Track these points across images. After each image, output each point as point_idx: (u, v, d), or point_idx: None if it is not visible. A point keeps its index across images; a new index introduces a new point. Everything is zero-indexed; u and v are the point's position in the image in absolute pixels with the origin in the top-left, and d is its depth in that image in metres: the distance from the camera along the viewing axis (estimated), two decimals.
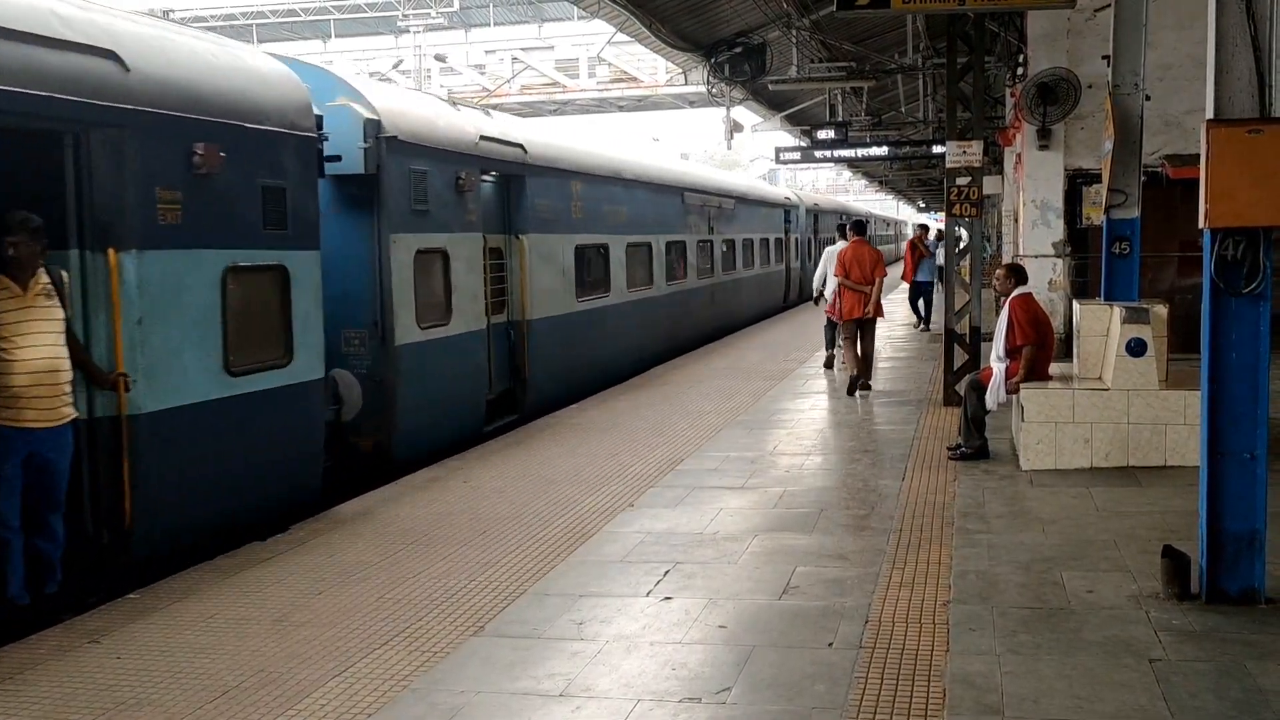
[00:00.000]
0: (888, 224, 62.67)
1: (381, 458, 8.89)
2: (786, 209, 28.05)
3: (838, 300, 12.81)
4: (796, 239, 29.31)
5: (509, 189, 11.44)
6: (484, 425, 10.48)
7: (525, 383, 11.42)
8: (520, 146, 11.38)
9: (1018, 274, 9.00)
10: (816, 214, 32.97)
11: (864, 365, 12.49)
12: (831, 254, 13.79)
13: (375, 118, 8.75)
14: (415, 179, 9.21)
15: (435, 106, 10.54)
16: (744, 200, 22.65)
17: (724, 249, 20.70)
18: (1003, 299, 8.95)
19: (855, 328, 12.46)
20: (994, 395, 8.68)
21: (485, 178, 10.83)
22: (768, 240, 25.11)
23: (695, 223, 18.60)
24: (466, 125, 10.55)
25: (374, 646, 5.07)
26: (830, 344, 14.61)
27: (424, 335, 9.28)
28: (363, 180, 8.71)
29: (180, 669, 4.86)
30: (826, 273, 13.82)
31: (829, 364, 14.50)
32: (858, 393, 12.14)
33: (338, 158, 8.27)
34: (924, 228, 23.61)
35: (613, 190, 14.45)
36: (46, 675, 4.85)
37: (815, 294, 15.80)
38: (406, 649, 5.03)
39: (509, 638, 5.14)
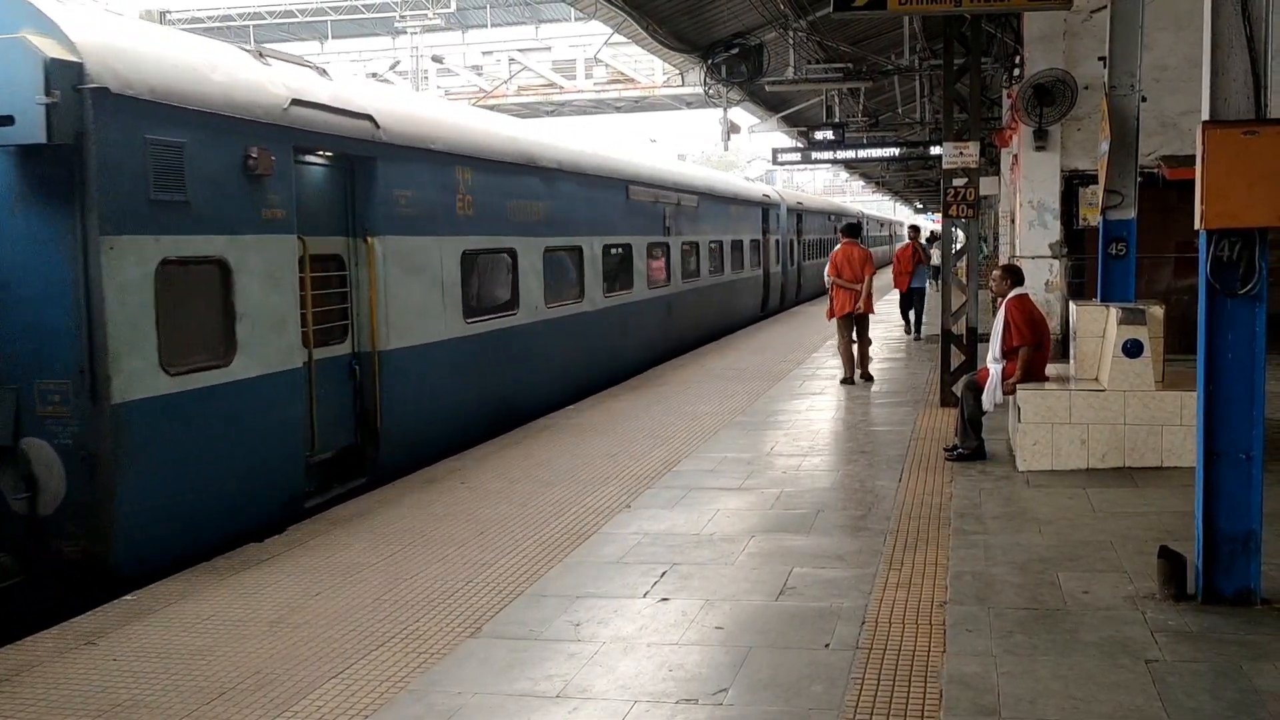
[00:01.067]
0: (881, 224, 62.26)
1: (96, 571, 6.17)
2: (765, 208, 25.34)
3: (830, 299, 13.57)
4: (778, 241, 26.70)
5: (354, 176, 8.61)
6: (305, 501, 7.80)
7: (378, 435, 8.62)
8: (369, 118, 8.57)
9: (1014, 275, 9.01)
10: (801, 214, 30.38)
11: (863, 356, 13.50)
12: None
13: (72, 59, 5.98)
14: (158, 155, 6.44)
15: (209, 52, 7.42)
16: (711, 197, 19.87)
17: (685, 253, 18.01)
18: (999, 300, 8.97)
19: (850, 323, 13.31)
20: (990, 396, 8.70)
21: (310, 159, 8.22)
22: (741, 243, 22.39)
23: (645, 223, 15.80)
24: (270, 83, 7.60)
25: (371, 648, 5.07)
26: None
27: (175, 385, 6.54)
28: (54, 155, 5.98)
29: (177, 670, 4.85)
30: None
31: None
32: (858, 380, 13.31)
33: (8, 119, 5.88)
34: (916, 229, 22.25)
35: (523, 181, 11.50)
36: (43, 677, 4.85)
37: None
38: (404, 650, 5.04)
39: (506, 639, 5.15)
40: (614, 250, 14.55)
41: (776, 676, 4.59)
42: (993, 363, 8.81)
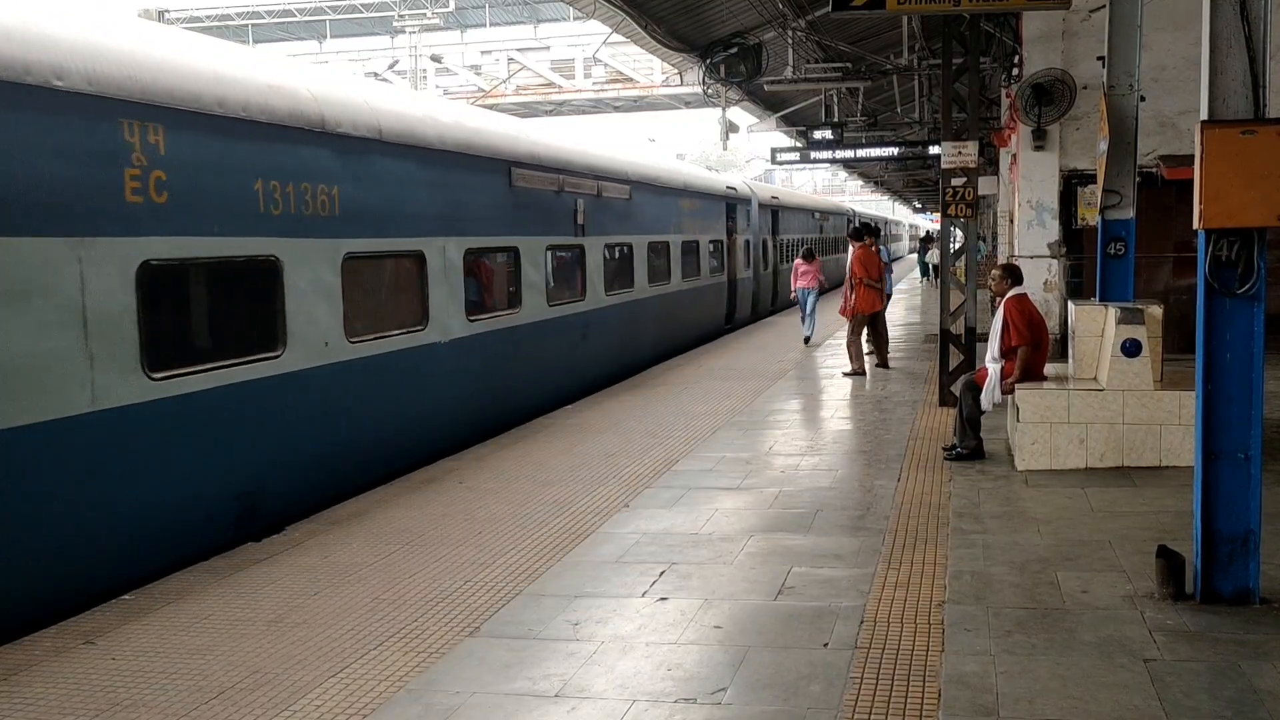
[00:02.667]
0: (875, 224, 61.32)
1: None
2: (730, 202, 21.64)
3: (850, 299, 14.29)
4: (748, 241, 23.00)
5: None
6: None
7: None
8: None
9: (1013, 275, 9.00)
10: (777, 210, 26.79)
11: (885, 347, 14.82)
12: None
13: None
14: None
15: None
16: (650, 187, 16.01)
17: (610, 258, 14.26)
18: (998, 299, 8.96)
19: (864, 322, 14.41)
20: (989, 396, 8.71)
21: None
22: (697, 244, 18.78)
23: (542, 219, 11.94)
24: None
25: (369, 647, 5.07)
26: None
27: None
28: None
29: (175, 670, 4.85)
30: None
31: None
32: (869, 372, 14.08)
33: None
34: (869, 230, 17.46)
35: (294, 153, 7.64)
36: (41, 676, 4.84)
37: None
38: (402, 650, 5.03)
39: (505, 638, 5.14)
40: (488, 255, 10.92)
41: (775, 676, 4.59)
42: (991, 362, 8.81)
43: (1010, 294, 8.77)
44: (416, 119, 9.52)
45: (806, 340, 17.72)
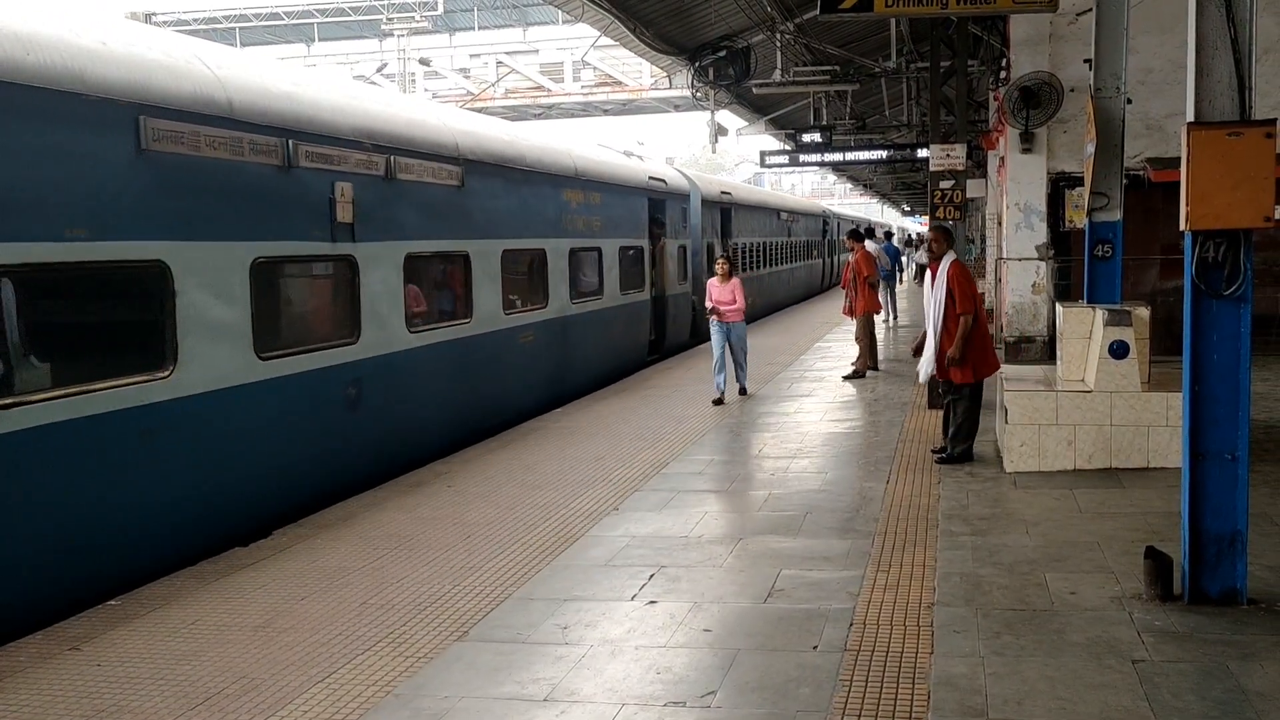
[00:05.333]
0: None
1: None
2: (657, 199, 16.99)
3: (855, 299, 14.32)
4: (683, 247, 18.30)
5: None
6: None
7: None
8: None
9: (949, 236, 8.87)
10: (728, 209, 22.51)
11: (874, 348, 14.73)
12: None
13: None
14: None
15: None
16: (501, 170, 11.23)
17: (418, 274, 9.65)
18: (933, 264, 8.75)
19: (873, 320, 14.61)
20: (926, 369, 8.66)
21: None
22: (598, 252, 14.21)
23: (231, 213, 7.17)
24: None
25: (357, 652, 5.05)
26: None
27: None
28: None
29: (162, 676, 4.82)
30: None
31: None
32: (867, 373, 14.03)
33: None
34: (866, 233, 18.75)
35: None
36: (26, 682, 4.81)
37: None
38: (390, 654, 5.01)
39: (493, 642, 5.12)
40: (94, 280, 6.27)
41: (764, 679, 4.58)
42: (933, 334, 8.62)
43: (950, 258, 8.63)
44: None
45: (717, 401, 12.02)
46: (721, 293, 12.31)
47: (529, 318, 11.97)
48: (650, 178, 16.91)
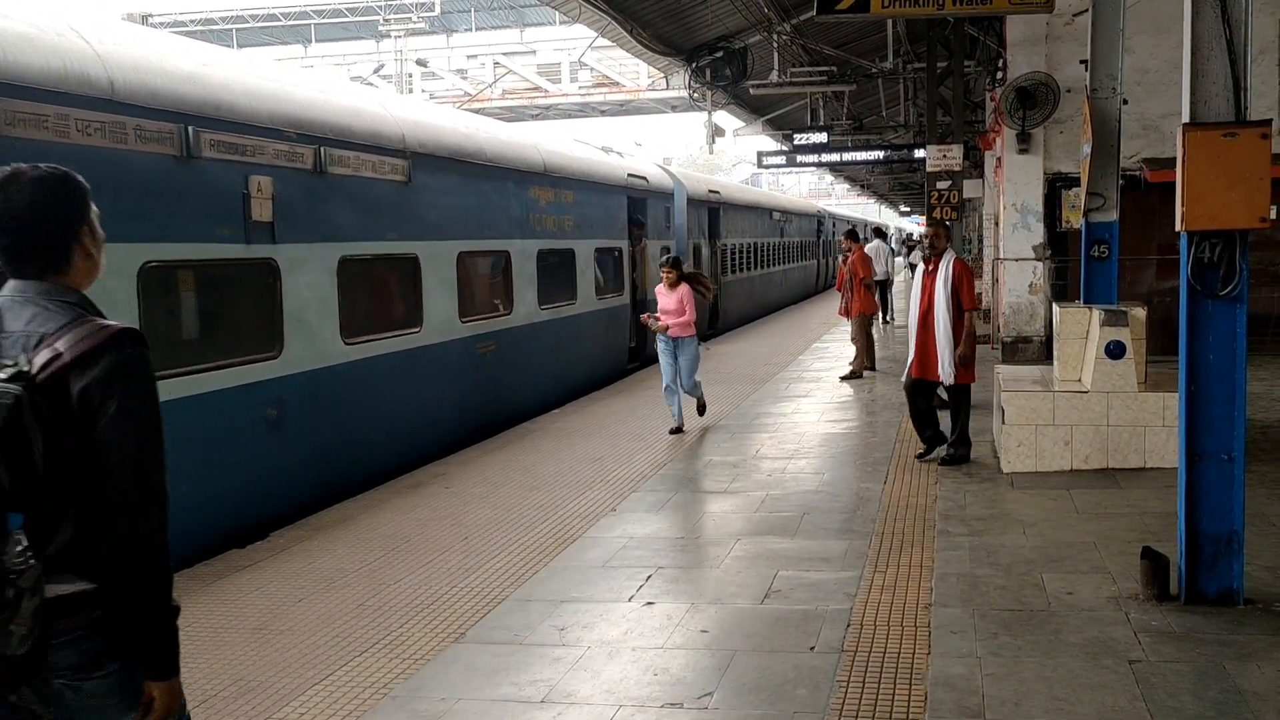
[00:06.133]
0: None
1: None
2: (638, 197, 16.13)
3: (851, 300, 14.25)
4: (669, 249, 17.07)
5: None
6: None
7: None
8: None
9: (948, 232, 8.72)
10: (716, 208, 21.62)
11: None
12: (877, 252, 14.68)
13: None
14: None
15: None
16: (455, 165, 10.35)
17: (353, 279, 8.65)
18: (932, 259, 8.52)
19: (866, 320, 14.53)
20: (947, 372, 8.33)
21: None
22: (570, 254, 13.44)
23: (112, 212, 4.25)
24: None
25: (354, 654, 5.04)
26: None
27: None
28: None
29: None
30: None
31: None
32: (864, 374, 13.96)
33: None
34: (875, 233, 19.84)
35: None
36: None
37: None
38: (387, 656, 5.01)
39: (490, 644, 5.12)
40: None
41: (762, 680, 4.58)
42: (944, 336, 8.30)
43: (950, 254, 8.43)
44: None
45: (675, 430, 10.42)
46: (668, 301, 10.39)
47: (490, 326, 11.09)
48: (630, 175, 16.00)
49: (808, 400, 12.47)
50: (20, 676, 2.18)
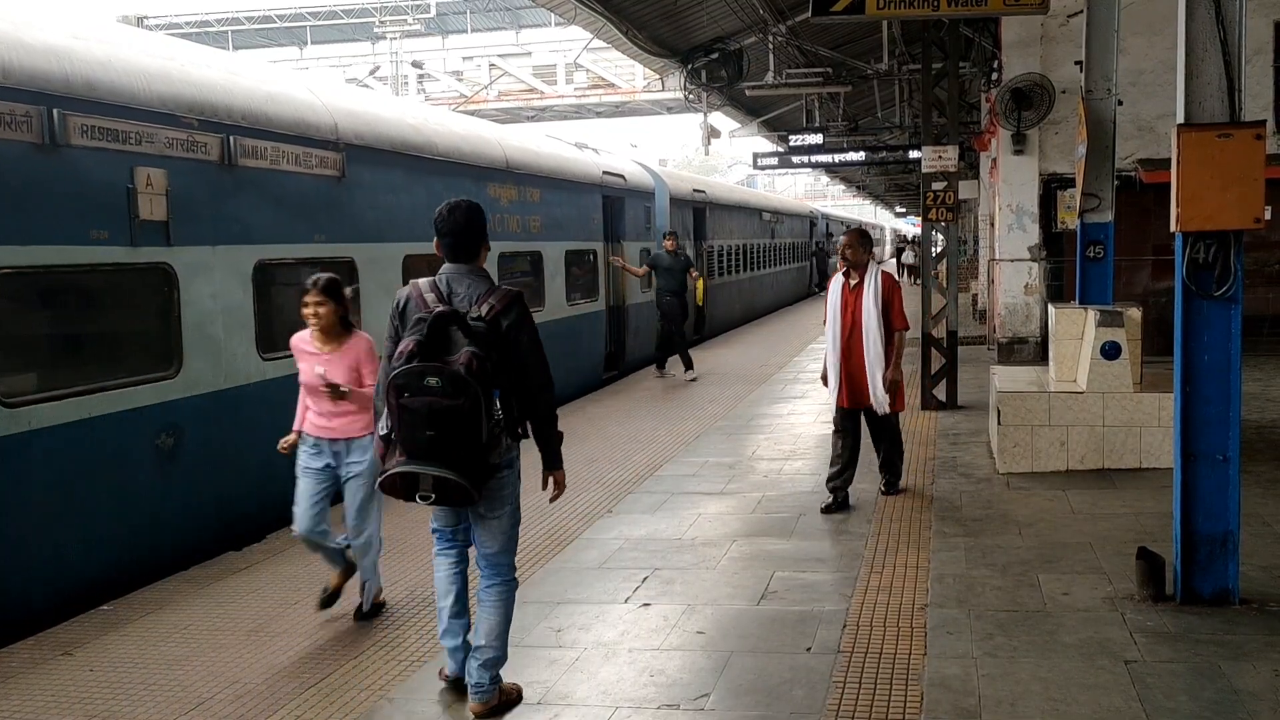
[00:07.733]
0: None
1: None
2: (615, 196, 15.21)
3: None
4: (648, 251, 16.33)
5: None
6: None
7: None
8: None
9: (869, 242, 7.52)
10: (702, 208, 20.65)
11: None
12: None
13: None
14: None
15: None
16: (401, 159, 9.38)
17: (269, 286, 7.69)
18: (851, 273, 7.38)
19: None
20: (880, 402, 7.33)
21: None
22: (538, 257, 12.61)
23: None
24: None
25: (351, 656, 5.04)
26: None
27: None
28: None
29: (154, 681, 4.81)
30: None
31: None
32: None
33: None
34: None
35: None
36: (18, 688, 4.79)
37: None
38: (384, 659, 5.00)
39: None
40: None
41: (758, 681, 4.58)
42: (875, 359, 7.26)
43: (875, 266, 7.37)
44: None
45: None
46: (334, 367, 5.46)
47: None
48: (605, 172, 14.94)
49: (803, 401, 12.47)
50: (491, 474, 4.21)
